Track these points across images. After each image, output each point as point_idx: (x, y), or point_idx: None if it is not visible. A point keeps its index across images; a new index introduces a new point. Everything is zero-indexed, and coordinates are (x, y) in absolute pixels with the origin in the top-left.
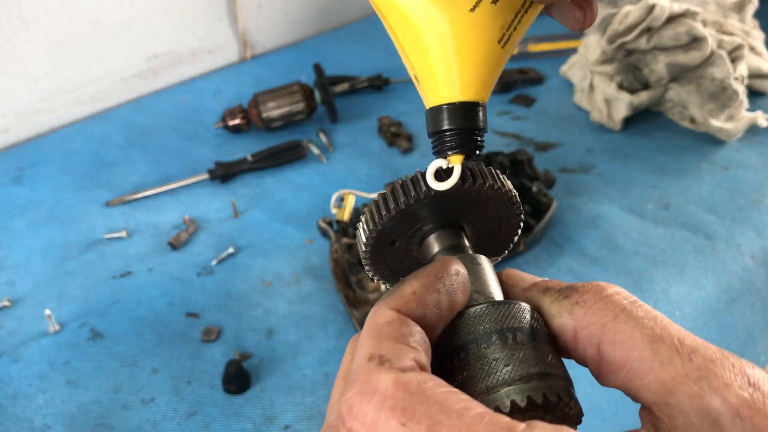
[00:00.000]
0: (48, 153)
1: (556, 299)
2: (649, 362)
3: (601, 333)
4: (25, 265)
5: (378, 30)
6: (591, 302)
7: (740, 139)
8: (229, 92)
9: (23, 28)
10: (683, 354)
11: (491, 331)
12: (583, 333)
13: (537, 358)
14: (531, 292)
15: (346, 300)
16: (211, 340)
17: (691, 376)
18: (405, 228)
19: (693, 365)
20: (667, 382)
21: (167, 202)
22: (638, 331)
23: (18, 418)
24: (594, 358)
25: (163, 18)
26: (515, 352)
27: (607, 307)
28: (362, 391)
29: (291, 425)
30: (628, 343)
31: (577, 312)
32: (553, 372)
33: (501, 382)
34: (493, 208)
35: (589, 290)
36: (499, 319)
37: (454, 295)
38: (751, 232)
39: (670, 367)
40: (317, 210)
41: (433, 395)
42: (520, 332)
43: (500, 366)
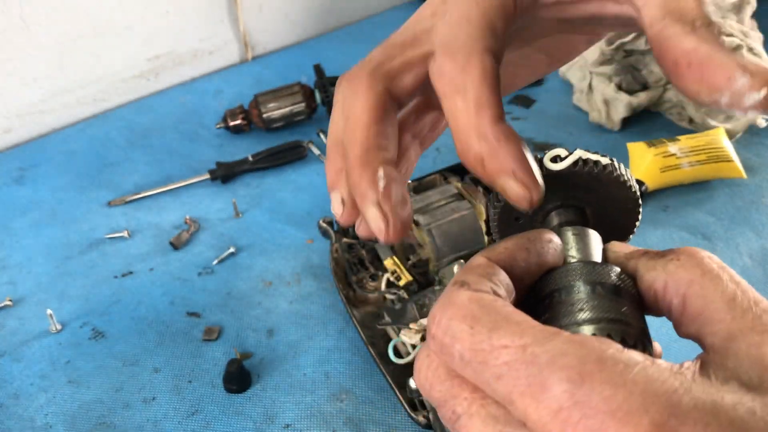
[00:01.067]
0: (49, 153)
1: (653, 258)
2: (723, 314)
3: (688, 286)
4: (26, 265)
5: (378, 31)
6: (685, 260)
7: (738, 140)
8: (230, 93)
9: (24, 28)
10: (755, 312)
11: (576, 282)
12: (672, 284)
13: (613, 307)
14: (630, 255)
15: (347, 299)
16: (212, 339)
17: (756, 329)
18: None
19: (760, 321)
20: (733, 331)
21: (168, 202)
22: (720, 288)
23: (20, 417)
24: (678, 307)
25: (164, 19)
26: (594, 300)
27: (698, 266)
28: (442, 304)
29: (291, 424)
30: (710, 297)
31: (670, 267)
32: (627, 320)
33: (574, 322)
34: (614, 196)
35: (683, 252)
36: (585, 274)
37: (543, 257)
38: (749, 232)
39: (740, 321)
40: (318, 210)
41: (500, 310)
42: (602, 286)
43: (576, 309)
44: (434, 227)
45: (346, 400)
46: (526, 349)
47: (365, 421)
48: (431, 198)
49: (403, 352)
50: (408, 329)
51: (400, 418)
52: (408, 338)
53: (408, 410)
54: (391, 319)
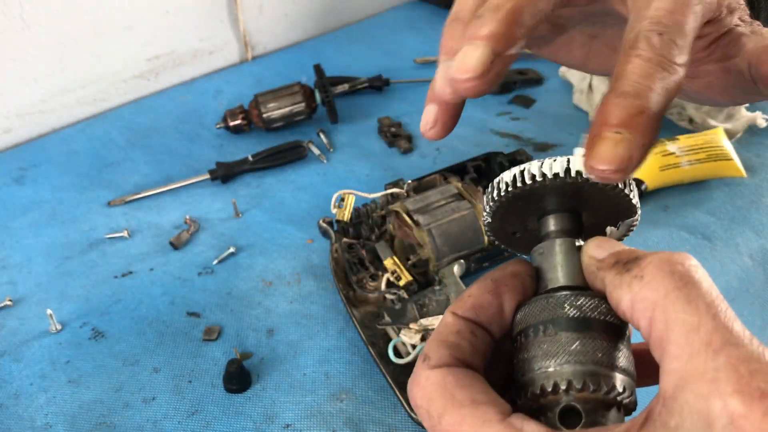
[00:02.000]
0: (50, 153)
1: (620, 272)
2: (679, 350)
3: (653, 308)
4: (26, 265)
5: (378, 31)
6: (648, 277)
7: (739, 141)
8: (230, 93)
9: (25, 28)
10: (710, 350)
11: (533, 322)
12: (638, 306)
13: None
14: (603, 266)
15: (347, 299)
16: (212, 339)
17: (707, 375)
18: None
19: (713, 364)
20: (685, 375)
21: (168, 202)
22: (681, 315)
23: (20, 417)
24: (645, 330)
25: (164, 19)
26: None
27: (662, 283)
28: (411, 381)
29: (291, 424)
30: (671, 324)
31: (635, 286)
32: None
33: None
34: (614, 207)
35: (649, 263)
36: (540, 312)
37: (513, 295)
38: (749, 232)
39: (694, 361)
40: (318, 210)
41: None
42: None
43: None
44: (434, 227)
45: (346, 400)
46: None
47: (365, 420)
48: (431, 198)
49: (403, 352)
50: (408, 329)
51: (400, 418)
52: (408, 338)
53: (408, 410)
54: (391, 319)
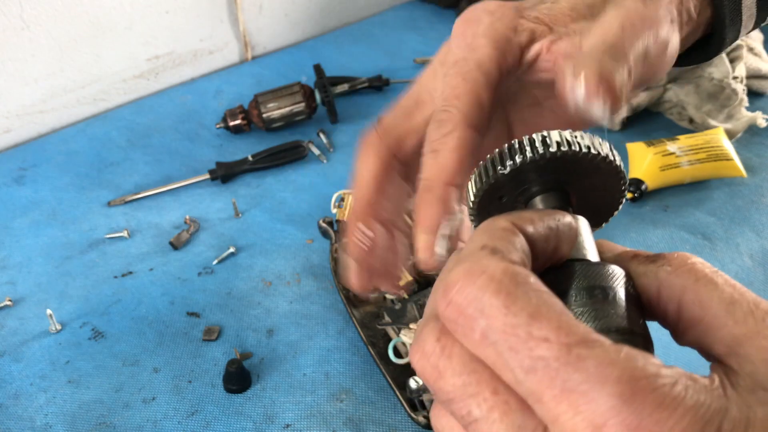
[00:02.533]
0: (50, 153)
1: (643, 263)
2: (724, 319)
3: (683, 293)
4: (26, 265)
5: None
6: (676, 266)
7: (739, 140)
8: (230, 93)
9: (25, 28)
10: (757, 315)
11: (586, 286)
12: (666, 292)
13: (622, 314)
14: (620, 257)
15: (347, 299)
16: (211, 339)
17: (762, 333)
18: (515, 186)
19: (765, 324)
20: (738, 337)
21: (168, 202)
22: (717, 293)
23: (19, 417)
24: (674, 315)
25: (164, 19)
26: (604, 306)
27: (690, 271)
28: (470, 269)
29: (291, 424)
30: (707, 302)
31: (662, 273)
32: (636, 330)
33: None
34: (601, 179)
35: (674, 257)
36: (594, 277)
37: (562, 241)
38: (749, 233)
39: (743, 325)
40: (318, 210)
41: (537, 290)
42: (611, 290)
43: (588, 318)
44: None
45: (346, 400)
46: (571, 350)
47: (365, 421)
48: None
49: (403, 352)
50: (408, 329)
51: (400, 418)
52: (408, 338)
53: (408, 410)
54: (391, 319)
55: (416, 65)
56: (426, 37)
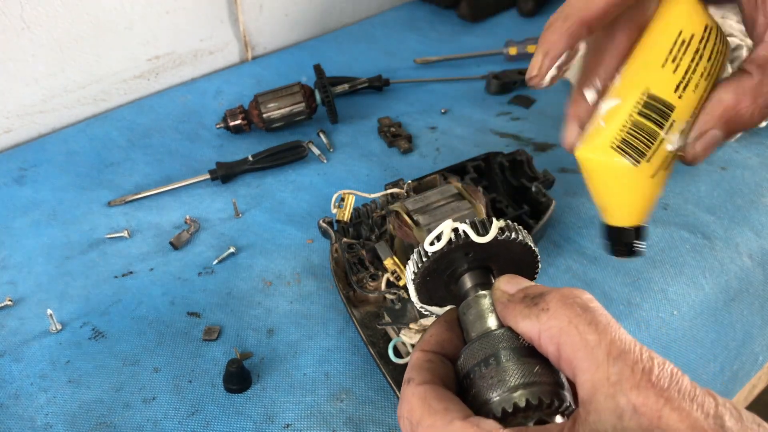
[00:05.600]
0: (50, 153)
1: (528, 306)
2: (588, 363)
3: (559, 335)
4: (27, 265)
5: (378, 31)
6: (553, 309)
7: (738, 140)
8: (230, 93)
9: (25, 29)
10: (610, 359)
11: (480, 360)
12: (545, 334)
13: (517, 372)
14: (512, 301)
15: (347, 299)
16: (212, 339)
17: (611, 379)
18: (446, 266)
19: (615, 370)
20: (595, 384)
21: (169, 202)
22: (584, 337)
23: (20, 417)
24: (554, 355)
25: (165, 19)
26: (498, 372)
27: (565, 313)
28: (401, 398)
29: (292, 423)
30: (576, 347)
31: (542, 317)
32: (535, 379)
33: (493, 396)
34: (516, 254)
35: (553, 298)
36: (482, 349)
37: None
38: (749, 232)
39: (600, 371)
40: (318, 210)
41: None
42: (500, 355)
43: (493, 386)
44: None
45: (346, 400)
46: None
47: (365, 420)
48: (431, 198)
49: (403, 352)
50: (408, 329)
51: None
52: (408, 338)
53: None
54: (391, 319)
55: (416, 65)
56: (426, 38)
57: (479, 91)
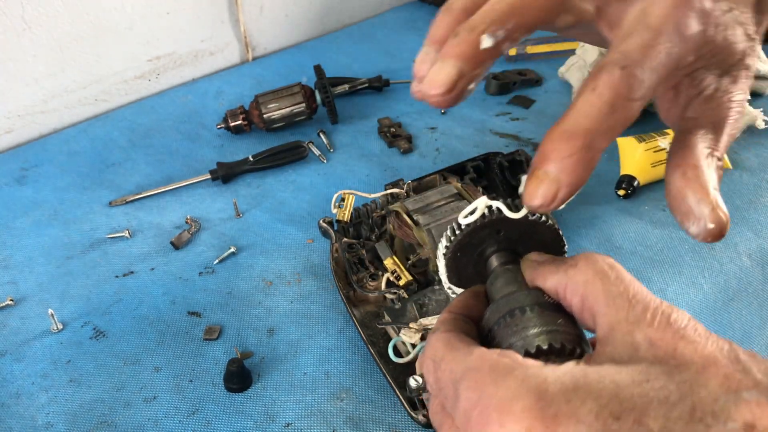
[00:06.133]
0: (51, 153)
1: (557, 263)
2: (606, 308)
3: (584, 286)
4: (28, 265)
5: (378, 32)
6: (581, 265)
7: (738, 141)
8: (231, 93)
9: (26, 29)
10: (630, 305)
11: (507, 311)
12: (571, 286)
13: (548, 321)
14: (543, 262)
15: (347, 299)
16: (212, 338)
17: (629, 319)
18: (474, 246)
19: (633, 312)
20: (612, 323)
21: (169, 202)
22: (606, 288)
23: (21, 416)
24: (578, 305)
25: (165, 20)
26: (523, 320)
27: (591, 269)
28: (426, 345)
29: (292, 423)
30: (598, 294)
31: (570, 271)
32: (557, 328)
33: (515, 341)
34: (544, 238)
35: (581, 257)
36: (510, 303)
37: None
38: (748, 232)
39: (618, 313)
40: (318, 210)
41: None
42: (526, 307)
43: (516, 331)
44: (434, 227)
45: (346, 399)
46: (453, 372)
47: (365, 420)
48: (431, 198)
49: (403, 351)
50: (408, 329)
51: (400, 417)
52: (408, 337)
53: (408, 409)
54: (391, 319)
55: None
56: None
57: (479, 92)
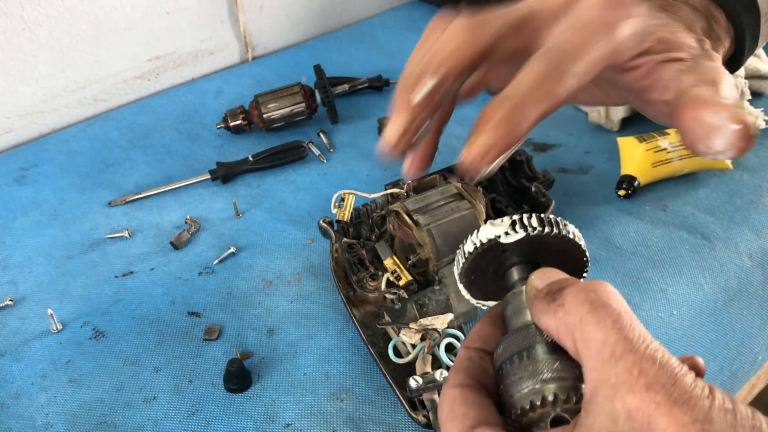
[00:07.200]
0: (51, 153)
1: (548, 301)
2: (593, 363)
3: (574, 330)
4: (27, 265)
5: (378, 32)
6: (568, 304)
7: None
8: (231, 93)
9: (26, 29)
10: (613, 360)
11: (511, 354)
12: (562, 330)
13: (543, 367)
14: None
15: (347, 299)
16: (212, 339)
17: (610, 381)
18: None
19: (614, 371)
20: (596, 382)
21: (169, 202)
22: (594, 334)
23: (20, 416)
24: (572, 350)
25: (165, 20)
26: (530, 365)
27: (577, 310)
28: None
29: (292, 423)
30: (586, 343)
31: (559, 313)
32: (558, 375)
33: (519, 390)
34: (565, 251)
35: (569, 293)
36: (514, 344)
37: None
38: (748, 233)
39: (602, 371)
40: (318, 210)
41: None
42: (531, 349)
43: (525, 378)
44: (434, 227)
45: (346, 400)
46: None
47: (365, 420)
48: (431, 198)
49: (403, 351)
50: (408, 329)
51: (400, 417)
52: (408, 338)
53: (408, 409)
54: (391, 319)
55: None
56: None
57: None
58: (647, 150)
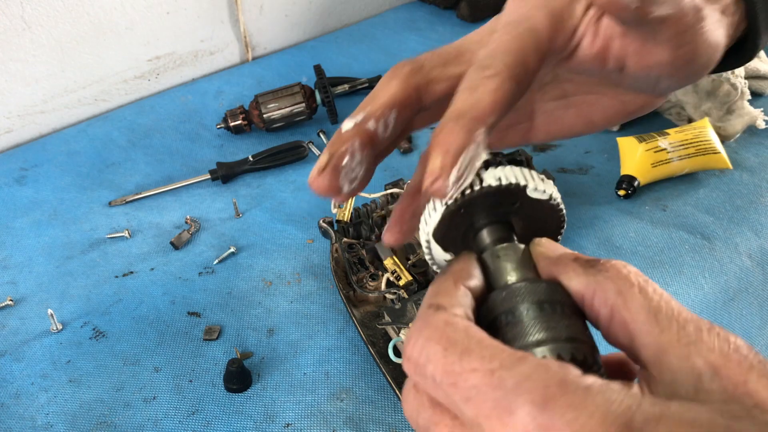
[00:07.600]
0: (51, 153)
1: (583, 266)
2: (650, 326)
3: (616, 297)
4: (27, 265)
5: (378, 32)
6: (613, 272)
7: (738, 141)
8: (231, 93)
9: (26, 29)
10: (679, 323)
11: (535, 301)
12: (600, 295)
13: (560, 325)
14: (561, 259)
15: (347, 299)
16: (212, 339)
17: (682, 341)
18: (464, 219)
19: (685, 332)
20: (662, 345)
21: (169, 202)
22: (646, 301)
23: (21, 416)
24: (605, 318)
25: (165, 20)
26: (553, 318)
27: (624, 278)
28: (418, 326)
29: (292, 423)
30: (636, 309)
31: (600, 277)
32: (581, 338)
33: (534, 343)
34: (540, 209)
35: (611, 264)
36: (542, 293)
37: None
38: (748, 232)
39: (667, 333)
40: (318, 210)
41: (474, 334)
42: (558, 305)
43: (534, 330)
44: None
45: (346, 400)
46: (494, 373)
47: (365, 420)
48: None
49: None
50: (408, 329)
51: (399, 417)
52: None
53: None
54: (391, 319)
55: None
56: (426, 38)
57: None
58: (647, 150)
